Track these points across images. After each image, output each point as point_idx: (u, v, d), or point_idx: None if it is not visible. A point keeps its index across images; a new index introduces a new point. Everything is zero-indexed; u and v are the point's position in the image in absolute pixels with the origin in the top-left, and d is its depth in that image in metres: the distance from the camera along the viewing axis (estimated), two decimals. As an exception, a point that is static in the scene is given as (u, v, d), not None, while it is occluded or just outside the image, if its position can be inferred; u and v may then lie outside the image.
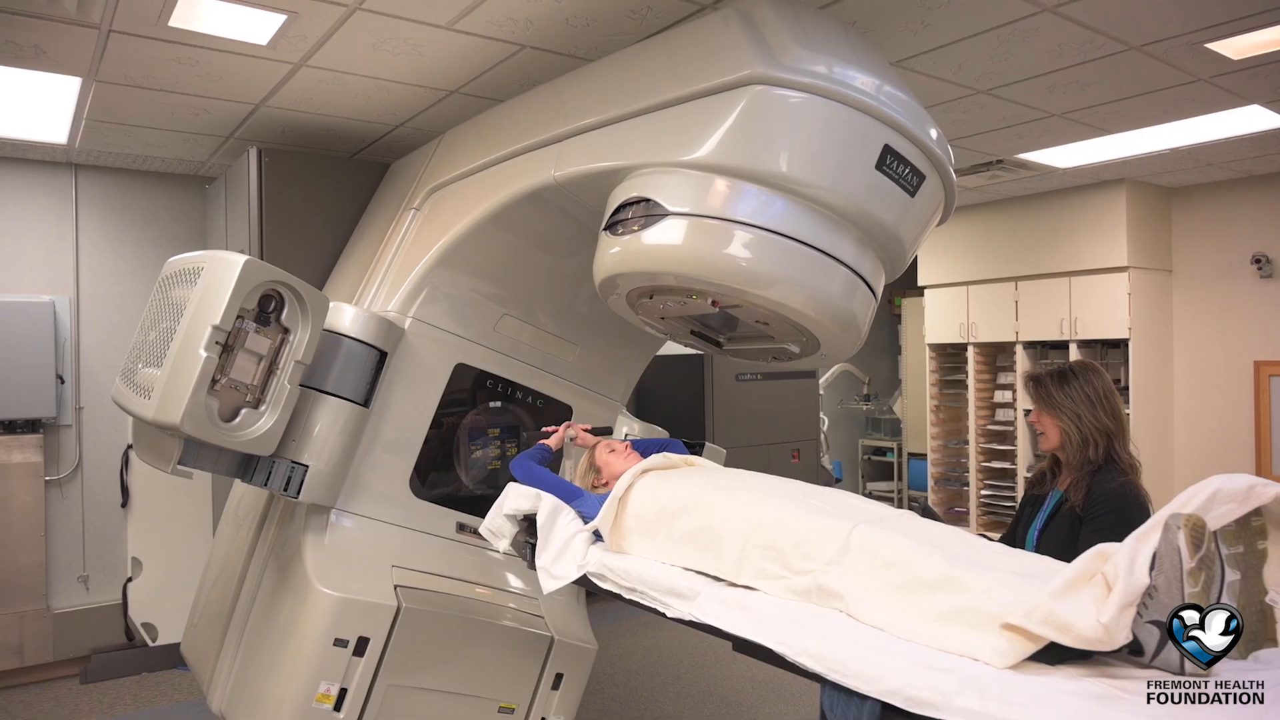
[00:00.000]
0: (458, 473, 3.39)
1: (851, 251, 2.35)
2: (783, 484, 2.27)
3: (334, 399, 2.84)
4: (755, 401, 6.24)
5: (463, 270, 3.16)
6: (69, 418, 4.77)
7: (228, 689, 2.94)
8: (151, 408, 2.50)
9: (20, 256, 4.67)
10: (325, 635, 2.62)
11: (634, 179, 2.45)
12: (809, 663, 1.66)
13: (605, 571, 2.28)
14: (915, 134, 2.30)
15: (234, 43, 3.03)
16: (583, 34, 2.96)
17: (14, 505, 4.58)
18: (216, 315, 2.49)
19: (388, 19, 2.83)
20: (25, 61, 3.20)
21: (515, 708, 2.96)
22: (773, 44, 2.27)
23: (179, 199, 5.05)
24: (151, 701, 4.39)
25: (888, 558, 1.74)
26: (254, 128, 4.05)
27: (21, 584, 4.60)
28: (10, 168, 4.64)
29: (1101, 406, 2.44)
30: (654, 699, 4.34)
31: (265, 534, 3.07)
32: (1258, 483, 1.45)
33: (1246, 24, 3.06)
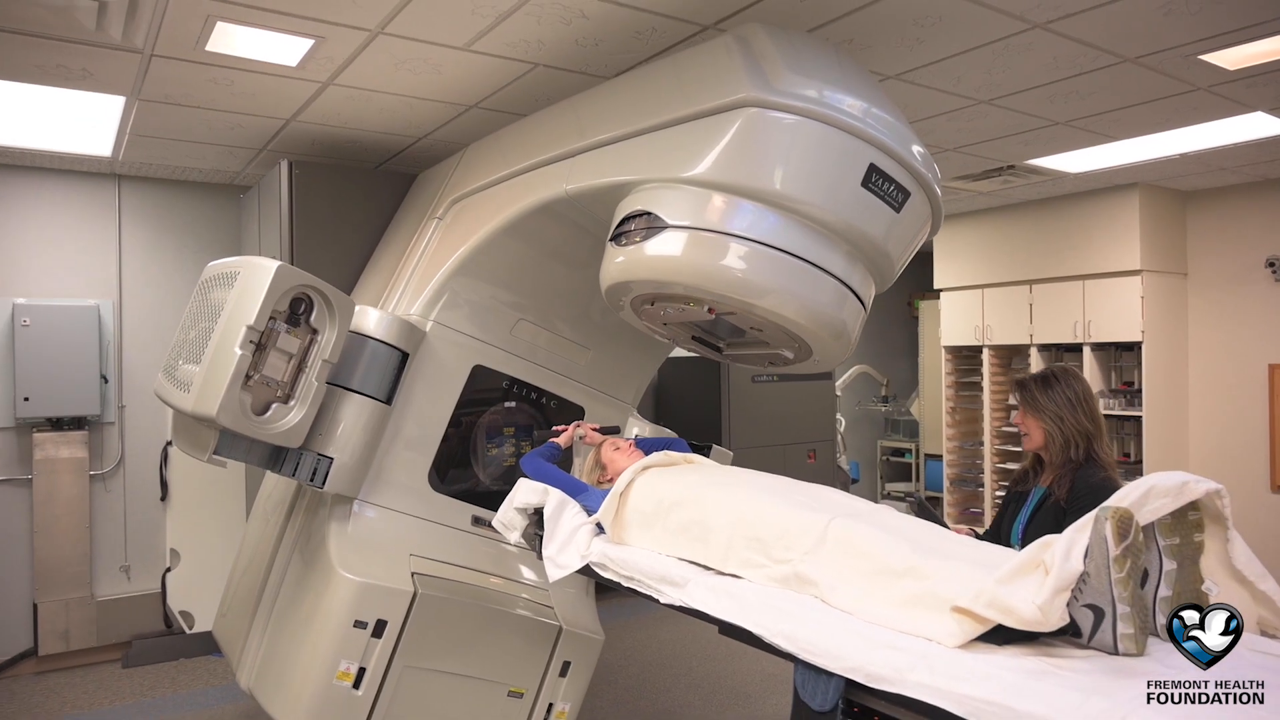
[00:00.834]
0: (475, 470, 3.57)
1: (841, 264, 2.48)
2: (772, 480, 2.41)
3: (358, 396, 3.03)
4: (771, 403, 6.36)
5: (481, 277, 3.33)
6: (112, 415, 5.03)
7: (255, 667, 3.13)
8: (190, 401, 2.71)
9: (67, 262, 4.93)
10: (346, 617, 2.80)
11: (638, 193, 2.60)
12: (783, 643, 1.80)
13: (606, 561, 2.43)
14: (899, 153, 2.43)
15: (266, 64, 3.23)
16: (592, 53, 3.12)
17: (61, 498, 4.83)
18: (251, 316, 2.68)
19: (409, 41, 3.01)
20: (74, 82, 3.43)
21: (524, 692, 3.12)
22: (767, 69, 2.41)
23: (215, 207, 5.30)
24: (188, 685, 4.61)
25: (860, 548, 1.87)
26: (285, 141, 4.27)
27: (67, 573, 4.86)
28: (59, 179, 4.90)
29: (1082, 409, 2.55)
30: (665, 689, 4.49)
31: (293, 523, 3.26)
32: (1190, 479, 1.57)
33: (1236, 37, 3.13)
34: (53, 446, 4.81)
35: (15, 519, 4.79)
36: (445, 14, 2.78)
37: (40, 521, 4.78)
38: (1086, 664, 1.48)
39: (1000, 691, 1.41)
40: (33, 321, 4.69)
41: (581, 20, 2.84)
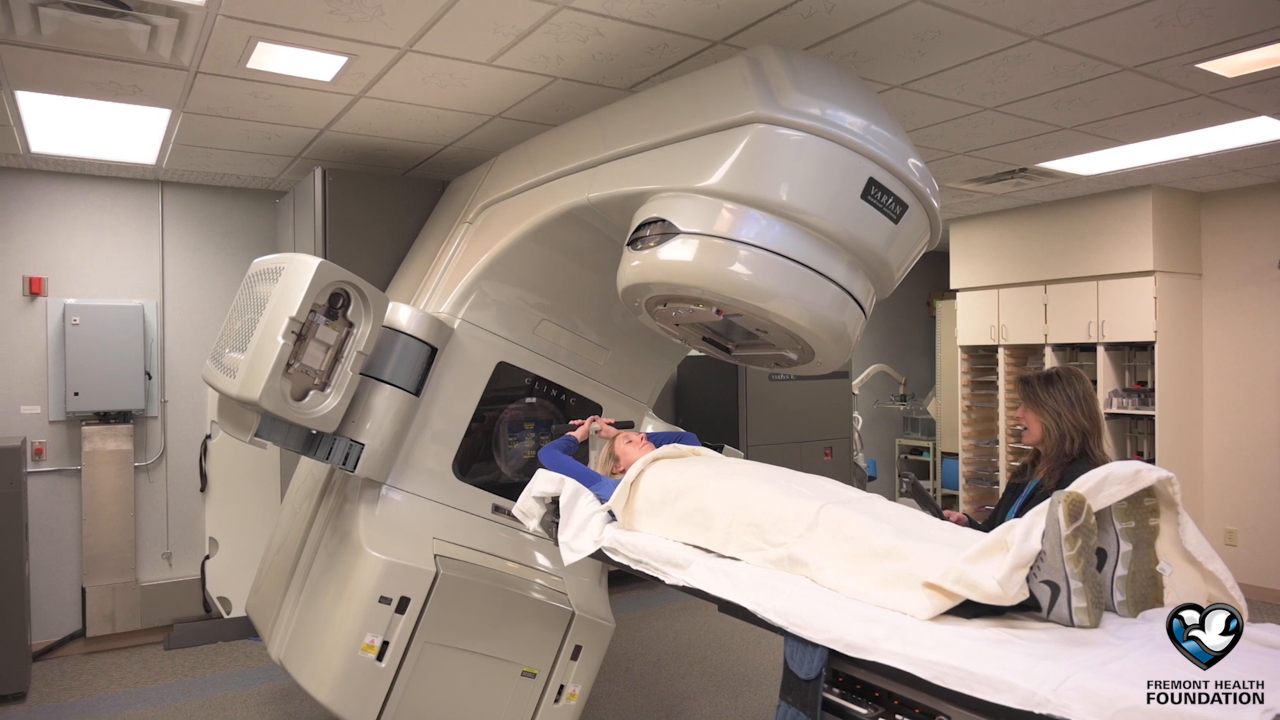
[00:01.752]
0: (497, 462, 3.76)
1: (842, 271, 2.63)
2: (772, 471, 2.57)
3: (389, 387, 3.22)
4: (788, 401, 6.50)
5: (507, 279, 3.52)
6: (155, 410, 5.29)
7: (286, 639, 3.33)
8: (236, 385, 2.92)
9: (114, 264, 5.20)
10: (372, 593, 2.99)
11: (654, 201, 2.77)
12: (774, 618, 1.96)
13: (617, 546, 2.60)
14: (897, 168, 2.57)
15: (302, 80, 3.44)
16: (607, 67, 3.29)
17: (107, 488, 5.10)
18: (293, 308, 2.88)
19: (436, 58, 3.20)
20: (125, 97, 3.67)
21: (537, 673, 3.28)
22: (775, 88, 2.57)
23: (252, 212, 5.54)
24: (226, 667, 4.86)
25: (846, 533, 2.03)
26: (319, 149, 4.48)
27: (114, 559, 5.13)
28: (107, 185, 5.17)
29: (1081, 408, 2.68)
30: (679, 676, 4.65)
31: (325, 505, 3.47)
32: (1143, 468, 1.71)
33: (1229, 47, 3.23)
34: (100, 439, 5.07)
35: (65, 507, 5.06)
36: (469, 33, 2.96)
37: (88, 510, 5.05)
38: (1044, 634, 1.63)
39: (962, 657, 1.56)
40: (82, 321, 4.96)
41: (597, 37, 3.01)
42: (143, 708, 4.29)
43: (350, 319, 3.08)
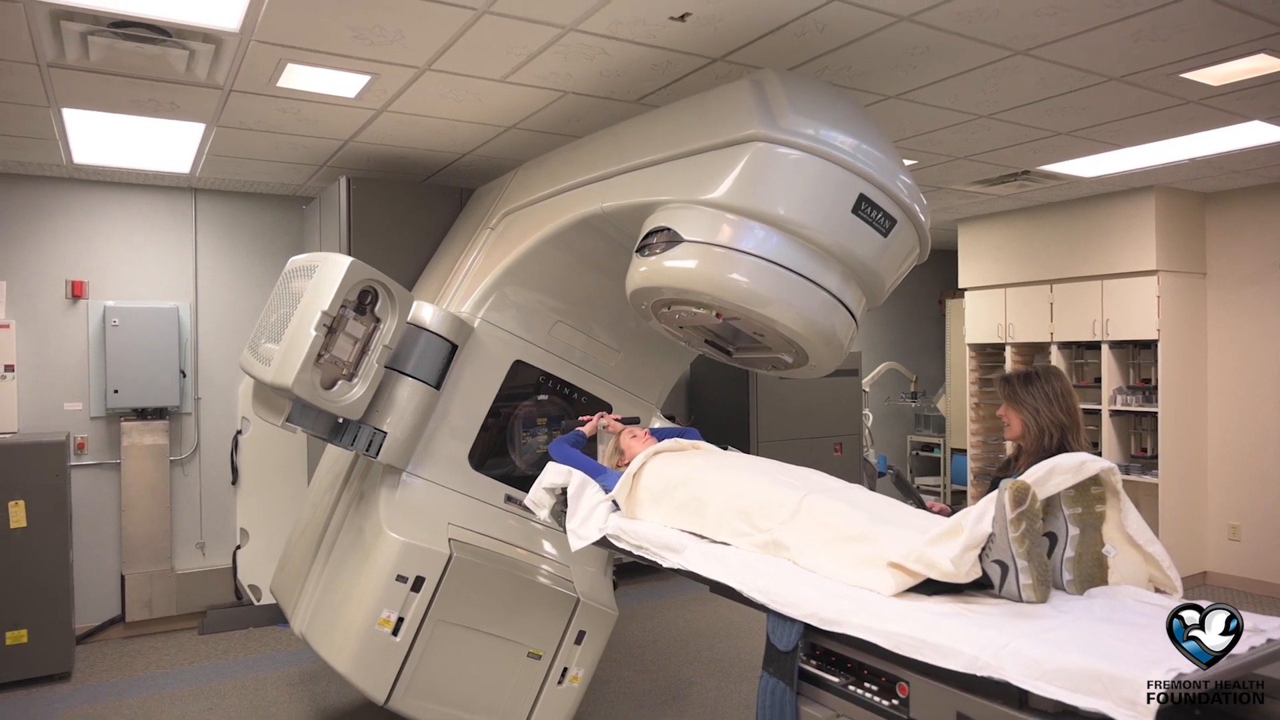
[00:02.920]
0: (511, 456, 3.96)
1: (835, 281, 2.81)
2: (763, 463, 2.75)
3: (412, 380, 3.43)
4: (799, 398, 6.65)
5: (526, 283, 3.73)
6: (189, 407, 5.56)
7: (309, 614, 3.56)
8: (270, 373, 3.15)
9: (151, 268, 5.46)
10: (390, 571, 3.20)
11: (661, 211, 2.98)
12: (757, 596, 2.15)
13: (620, 533, 2.79)
14: (886, 185, 2.76)
15: (328, 96, 3.66)
16: (614, 82, 3.48)
17: (145, 481, 5.37)
18: (325, 302, 3.10)
19: (452, 76, 3.41)
20: (163, 113, 3.91)
21: (542, 655, 3.47)
22: (775, 110, 2.77)
23: (280, 217, 5.79)
24: (256, 650, 5.11)
25: (825, 519, 2.21)
26: (343, 158, 4.72)
27: (151, 548, 5.40)
28: (144, 193, 5.44)
29: (1058, 404, 2.82)
30: (688, 662, 4.84)
31: (348, 489, 3.70)
32: (1088, 459, 1.88)
33: (1207, 60, 3.36)
34: (138, 434, 5.34)
35: (106, 499, 5.34)
36: (484, 53, 3.17)
37: (127, 501, 5.32)
38: (994, 609, 1.80)
39: (918, 628, 1.74)
40: (121, 322, 5.22)
41: (604, 56, 3.20)
42: (178, 687, 4.55)
43: (377, 315, 3.29)
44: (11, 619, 4.50)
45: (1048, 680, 1.50)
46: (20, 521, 4.52)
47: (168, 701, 4.36)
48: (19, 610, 4.51)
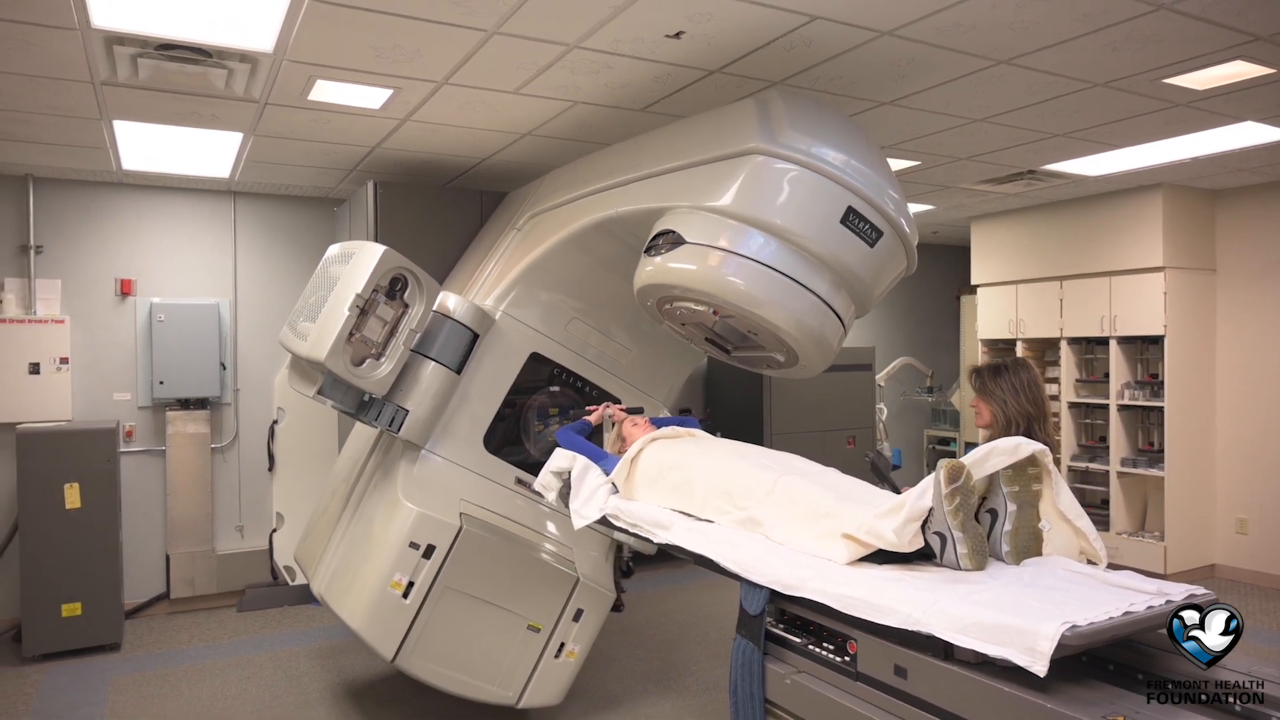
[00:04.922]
0: (525, 444, 4.21)
1: (825, 287, 3.02)
2: (747, 449, 2.97)
3: (435, 363, 3.69)
4: (812, 392, 6.81)
5: (545, 280, 3.98)
6: (229, 397, 5.89)
7: (328, 576, 3.84)
8: (306, 347, 3.43)
9: (193, 267, 5.81)
10: (404, 538, 3.46)
11: (668, 216, 3.22)
12: (731, 566, 2.37)
13: (618, 512, 3.03)
14: (873, 199, 2.97)
15: (355, 108, 3.93)
16: (621, 92, 3.71)
17: (188, 468, 5.72)
18: (359, 285, 3.36)
19: (468, 89, 3.66)
20: (204, 124, 4.22)
21: (541, 629, 3.70)
22: (775, 126, 3.01)
23: (313, 218, 6.11)
24: (290, 627, 5.43)
25: (796, 498, 2.43)
26: (370, 163, 5.00)
27: (193, 530, 5.74)
28: (187, 197, 5.79)
29: (1025, 395, 2.97)
30: (695, 643, 5.07)
31: (370, 461, 3.98)
32: (1023, 442, 2.08)
33: (1185, 67, 3.49)
34: (181, 423, 5.69)
35: (152, 484, 5.69)
36: (496, 69, 3.41)
37: (171, 486, 5.67)
38: (934, 575, 2.01)
39: (865, 591, 1.95)
40: (166, 318, 5.57)
41: (608, 70, 3.43)
42: (219, 659, 4.88)
43: (406, 300, 3.55)
44: (67, 593, 4.85)
45: (966, 634, 1.70)
46: (75, 503, 4.87)
47: (209, 672, 4.69)
48: (74, 585, 4.87)
